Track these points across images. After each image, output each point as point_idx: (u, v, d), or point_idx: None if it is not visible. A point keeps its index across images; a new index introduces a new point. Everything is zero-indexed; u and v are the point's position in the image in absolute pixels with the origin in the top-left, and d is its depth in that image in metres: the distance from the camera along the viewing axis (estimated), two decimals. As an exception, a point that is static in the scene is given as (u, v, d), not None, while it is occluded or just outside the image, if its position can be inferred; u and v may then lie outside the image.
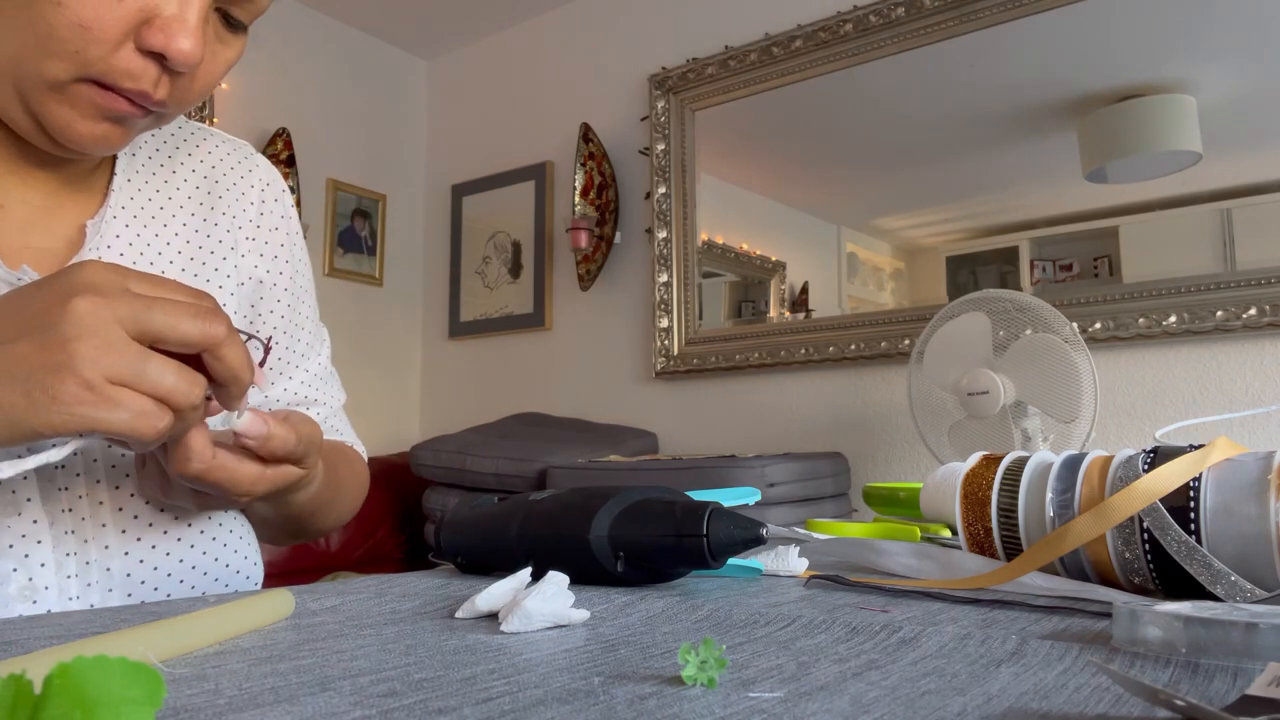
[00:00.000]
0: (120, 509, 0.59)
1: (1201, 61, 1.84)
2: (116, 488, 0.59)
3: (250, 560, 0.68)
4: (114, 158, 0.67)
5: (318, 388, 0.78)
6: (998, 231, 2.10)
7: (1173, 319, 1.82)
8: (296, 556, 2.35)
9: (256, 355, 0.64)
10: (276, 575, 2.21)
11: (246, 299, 0.72)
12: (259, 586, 0.70)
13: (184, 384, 0.45)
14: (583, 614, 0.39)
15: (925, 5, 2.16)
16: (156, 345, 0.45)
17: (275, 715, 0.25)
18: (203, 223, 0.70)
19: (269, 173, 0.76)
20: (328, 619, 0.41)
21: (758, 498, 0.60)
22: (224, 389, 0.48)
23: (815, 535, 0.80)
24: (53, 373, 0.42)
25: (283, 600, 0.41)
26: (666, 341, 2.56)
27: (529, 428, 2.58)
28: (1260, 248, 1.77)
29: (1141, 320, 1.85)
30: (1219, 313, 1.77)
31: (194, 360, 0.47)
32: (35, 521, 0.56)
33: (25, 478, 0.56)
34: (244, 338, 0.51)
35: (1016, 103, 2.06)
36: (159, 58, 0.53)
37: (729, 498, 0.58)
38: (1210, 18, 1.83)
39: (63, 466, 0.57)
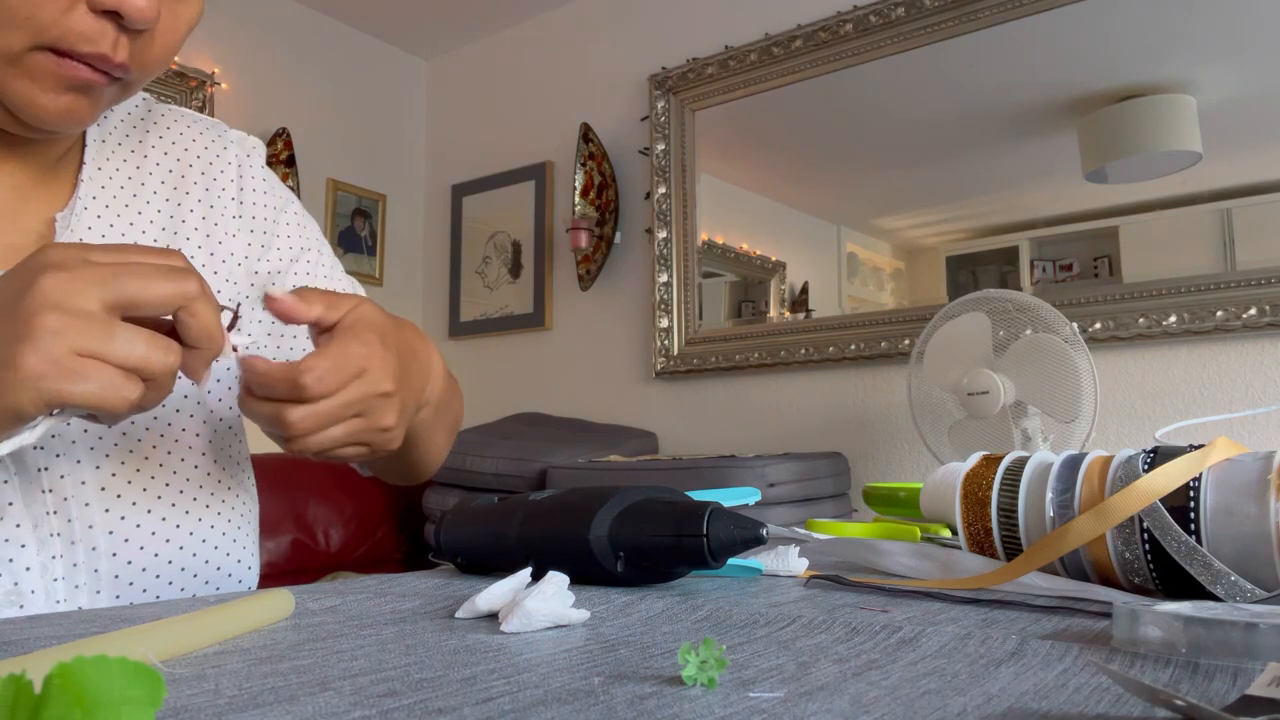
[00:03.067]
0: (107, 509, 0.58)
1: (1201, 61, 1.84)
2: (103, 489, 0.58)
3: (244, 564, 0.67)
4: (82, 146, 0.65)
5: None
6: (998, 231, 2.10)
7: (1173, 319, 1.82)
8: (296, 556, 2.35)
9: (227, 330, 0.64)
10: (276, 575, 2.21)
11: (246, 278, 0.72)
12: (253, 590, 0.69)
13: (157, 351, 0.44)
14: (583, 614, 0.39)
15: (925, 5, 2.16)
16: (130, 313, 0.44)
17: (275, 715, 0.25)
18: (176, 208, 0.68)
19: (241, 146, 0.74)
20: (328, 619, 0.41)
21: (758, 498, 0.60)
22: (193, 353, 0.47)
23: (815, 535, 0.80)
24: (15, 347, 0.42)
25: (283, 600, 0.41)
26: (666, 341, 2.56)
27: (529, 428, 2.58)
28: (1260, 248, 1.77)
29: (1141, 320, 1.85)
30: (1219, 313, 1.77)
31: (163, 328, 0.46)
32: (19, 525, 0.55)
33: (5, 480, 0.55)
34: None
35: (1016, 103, 2.06)
36: (114, 17, 0.52)
37: (729, 498, 0.58)
38: (1210, 18, 1.83)
39: (46, 469, 0.56)
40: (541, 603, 0.37)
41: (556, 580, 0.39)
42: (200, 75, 2.64)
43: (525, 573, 0.43)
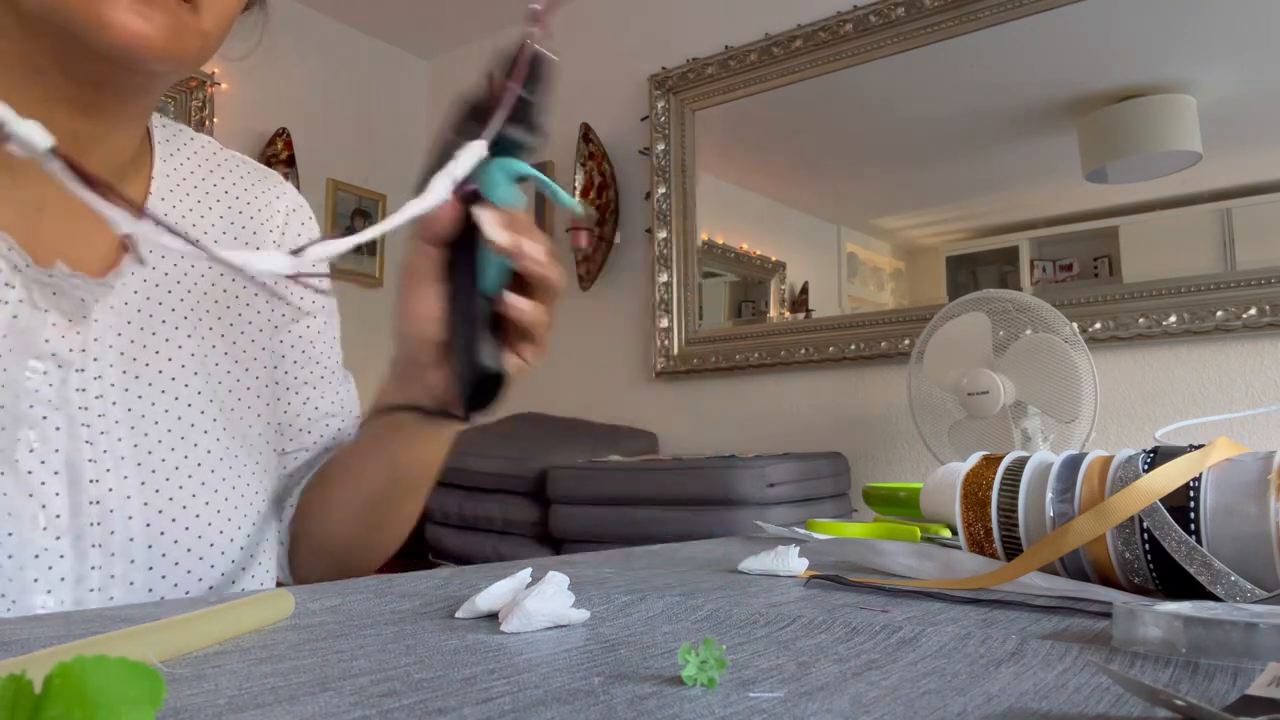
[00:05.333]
0: (148, 524, 0.59)
1: (1201, 61, 1.84)
2: (142, 483, 0.59)
3: (265, 568, 0.68)
4: (149, 177, 0.67)
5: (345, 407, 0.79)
6: (998, 231, 2.10)
7: (1173, 319, 1.82)
8: (296, 556, 2.35)
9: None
10: (276, 575, 2.21)
11: (283, 316, 0.74)
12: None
13: None
14: (583, 614, 0.39)
15: (925, 5, 2.16)
16: None
17: (275, 715, 0.25)
18: (232, 242, 0.70)
19: (295, 199, 0.77)
20: (328, 619, 0.41)
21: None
22: None
23: (815, 535, 0.80)
24: None
25: (283, 600, 0.41)
26: (666, 341, 2.56)
27: (529, 428, 2.58)
28: (1260, 248, 1.77)
29: (1141, 320, 1.85)
30: (1219, 313, 1.77)
31: None
32: (59, 538, 0.56)
33: (58, 493, 0.56)
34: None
35: (1016, 103, 2.06)
36: None
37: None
38: (1210, 18, 1.83)
39: (96, 481, 0.57)
40: (541, 603, 0.37)
41: (556, 580, 0.39)
42: (200, 75, 2.64)
43: (525, 573, 0.43)
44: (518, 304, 0.57)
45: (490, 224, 0.55)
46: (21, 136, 0.28)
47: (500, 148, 0.53)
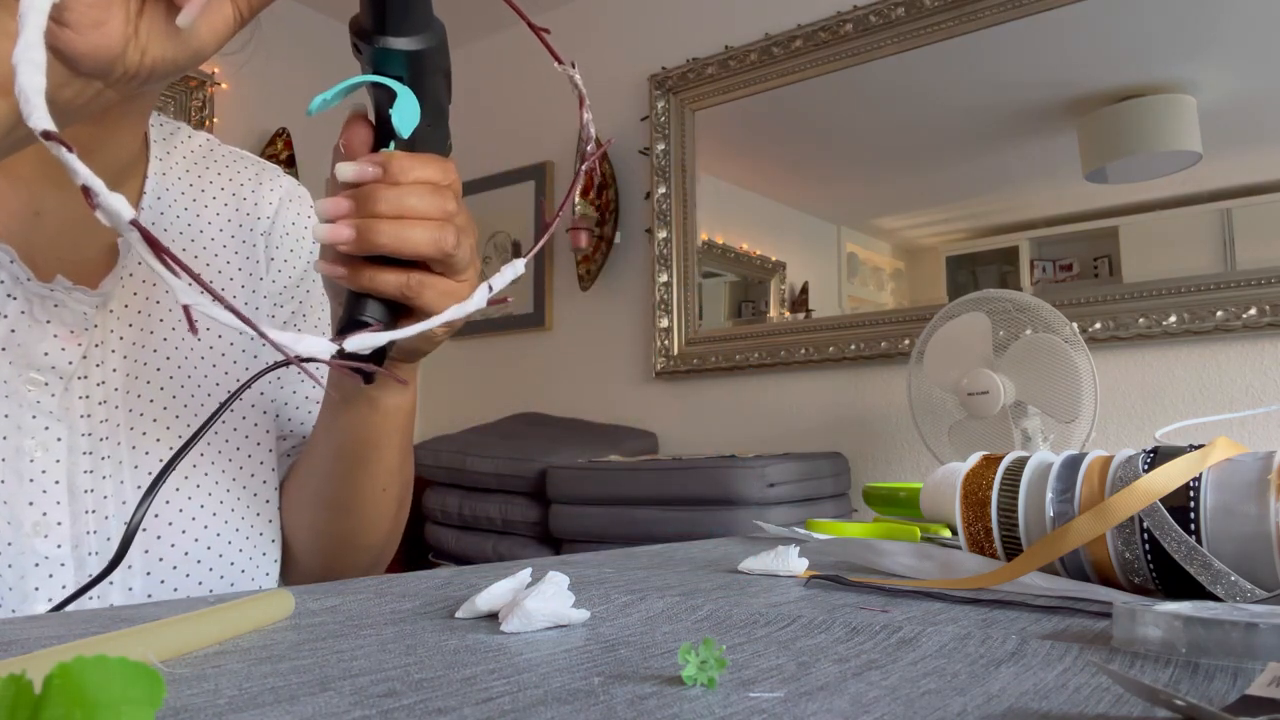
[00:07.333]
0: (144, 529, 0.59)
1: (1201, 61, 1.84)
2: (138, 486, 0.59)
3: (263, 569, 0.68)
4: (144, 176, 0.66)
5: None
6: (998, 231, 2.10)
7: (1173, 319, 1.82)
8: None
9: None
10: (276, 575, 2.21)
11: (289, 304, 0.74)
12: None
13: None
14: (583, 614, 0.39)
15: (925, 5, 2.16)
16: None
17: (275, 715, 0.25)
18: (230, 239, 0.70)
19: (292, 188, 0.77)
20: (328, 619, 0.41)
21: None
22: None
23: (815, 535, 0.80)
24: None
25: (282, 600, 0.41)
26: (666, 341, 2.56)
27: (529, 428, 2.58)
28: (1260, 248, 1.77)
29: (1141, 320, 1.85)
30: (1219, 313, 1.77)
31: None
32: (59, 546, 0.56)
33: (58, 482, 0.56)
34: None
35: (1016, 103, 2.06)
36: None
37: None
38: (1210, 18, 1.83)
39: (91, 490, 0.58)
40: (541, 603, 0.37)
41: (556, 580, 0.39)
42: (200, 75, 2.64)
43: (525, 573, 0.43)
44: (356, 273, 0.48)
45: (320, 207, 0.47)
46: (109, 207, 0.29)
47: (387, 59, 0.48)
